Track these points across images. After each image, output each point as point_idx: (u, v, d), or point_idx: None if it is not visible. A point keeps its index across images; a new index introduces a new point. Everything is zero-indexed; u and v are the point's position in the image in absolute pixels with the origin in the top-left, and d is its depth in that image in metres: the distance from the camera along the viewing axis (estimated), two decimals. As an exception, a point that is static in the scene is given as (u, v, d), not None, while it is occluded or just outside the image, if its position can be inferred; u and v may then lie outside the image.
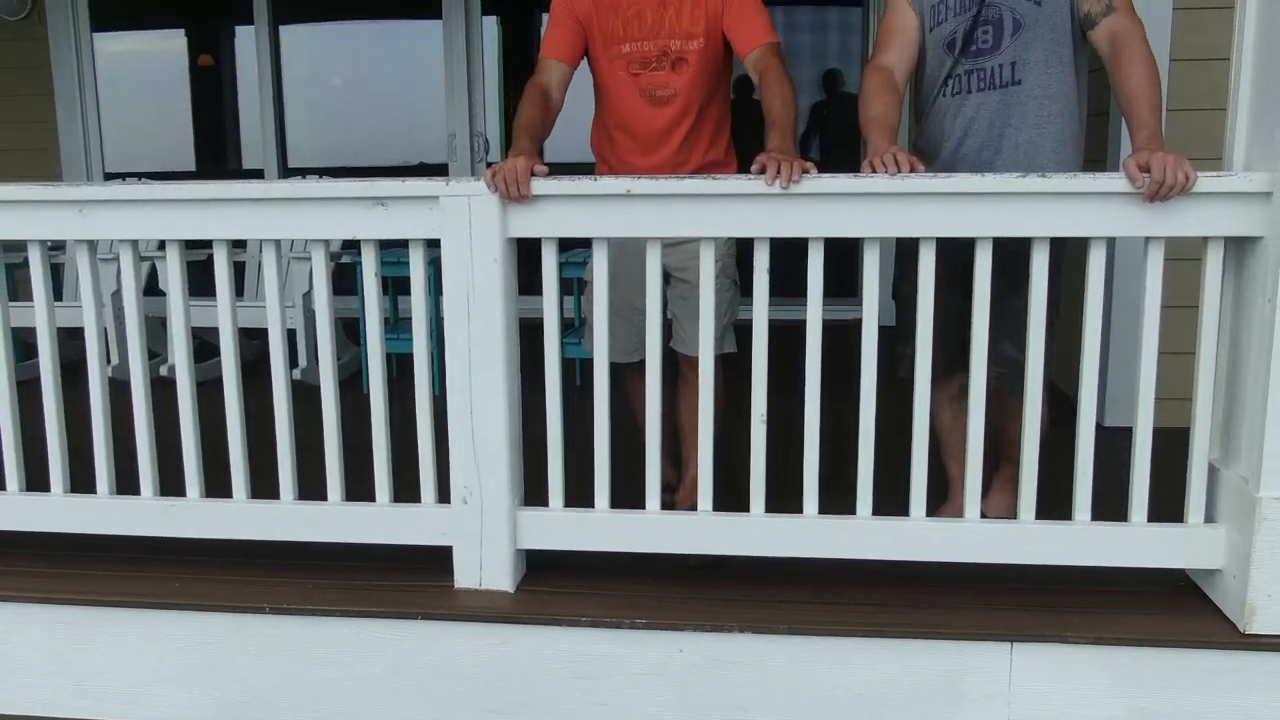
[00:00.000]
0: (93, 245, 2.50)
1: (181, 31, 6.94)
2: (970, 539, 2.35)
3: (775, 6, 2.87)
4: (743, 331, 2.54)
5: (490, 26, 6.43)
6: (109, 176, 6.48)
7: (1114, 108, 3.41)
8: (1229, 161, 2.28)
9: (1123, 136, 3.13)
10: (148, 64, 6.92)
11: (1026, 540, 2.33)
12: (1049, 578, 2.38)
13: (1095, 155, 3.42)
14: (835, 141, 6.73)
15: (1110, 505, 2.33)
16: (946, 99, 2.54)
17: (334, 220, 2.37)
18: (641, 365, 2.50)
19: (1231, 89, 2.28)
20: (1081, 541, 2.31)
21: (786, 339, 2.51)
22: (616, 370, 2.65)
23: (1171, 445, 2.38)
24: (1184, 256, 2.33)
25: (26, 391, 2.63)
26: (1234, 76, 2.26)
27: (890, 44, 2.59)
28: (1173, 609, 2.32)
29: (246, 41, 6.50)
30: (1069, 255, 2.45)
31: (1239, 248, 2.24)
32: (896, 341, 2.56)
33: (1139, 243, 2.24)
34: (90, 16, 6.41)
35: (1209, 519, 2.30)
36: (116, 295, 4.25)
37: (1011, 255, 2.34)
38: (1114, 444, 2.53)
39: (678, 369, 2.82)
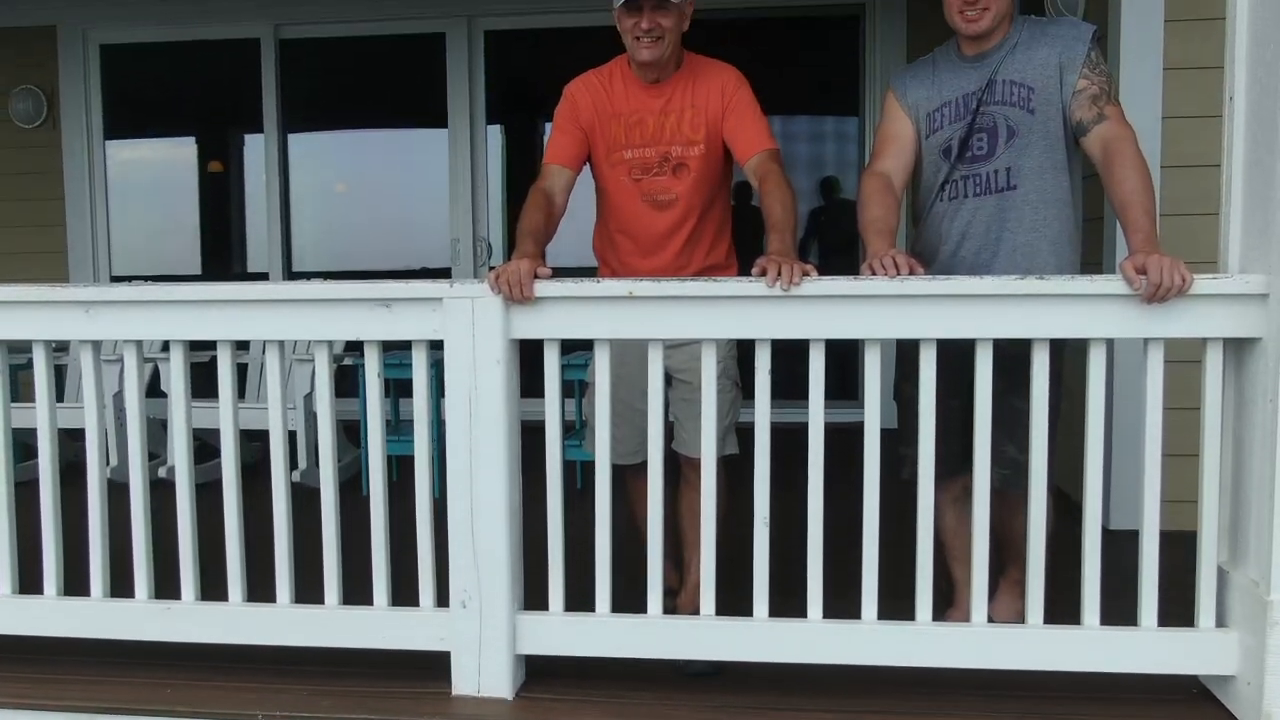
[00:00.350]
0: (97, 346, 2.51)
1: (192, 139, 7.09)
2: (977, 643, 2.31)
3: (772, 115, 2.92)
4: (744, 435, 2.54)
5: (494, 135, 6.57)
6: (115, 279, 6.56)
7: (1108, 213, 3.48)
8: (1224, 264, 2.31)
9: (1118, 241, 3.18)
10: (158, 170, 7.05)
11: (1034, 645, 2.29)
12: (1058, 684, 2.33)
13: (1092, 259, 3.46)
14: (833, 247, 6.82)
15: (1119, 609, 2.30)
16: (944, 203, 2.59)
17: (339, 321, 2.39)
18: (643, 467, 2.49)
19: (1223, 194, 2.32)
20: (1091, 647, 2.27)
21: (788, 441, 2.50)
22: (618, 472, 2.64)
23: (1179, 548, 2.35)
24: (1184, 359, 2.35)
25: (25, 493, 2.62)
26: (1225, 182, 2.31)
27: (886, 151, 2.65)
28: (1186, 717, 2.27)
29: (255, 149, 6.64)
30: (1069, 356, 2.46)
31: (1238, 349, 2.25)
32: (899, 443, 2.56)
33: (1139, 344, 2.25)
34: (104, 124, 6.58)
35: (1220, 623, 2.27)
36: (116, 397, 4.25)
37: (1011, 357, 2.35)
38: (1120, 547, 2.51)
39: (679, 471, 2.81)
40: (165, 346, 2.51)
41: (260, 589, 2.49)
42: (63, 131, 6.49)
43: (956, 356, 2.36)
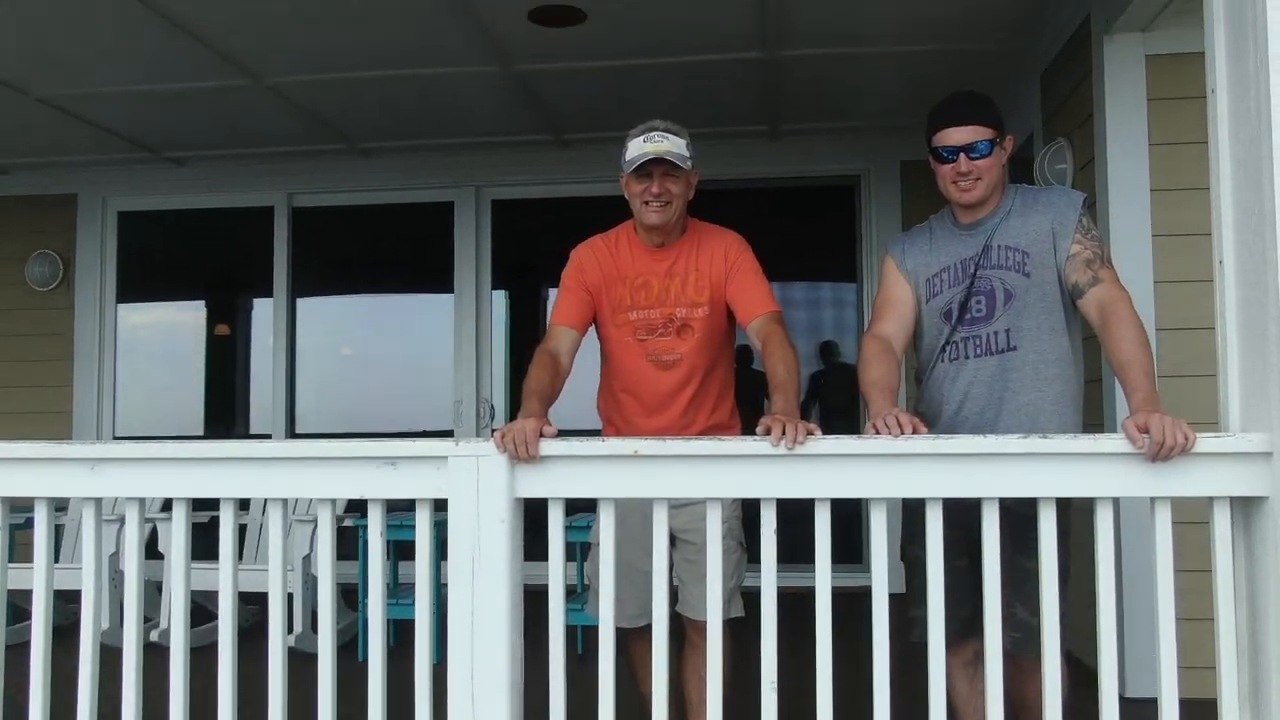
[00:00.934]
0: (99, 504, 2.50)
1: (202, 302, 7.23)
2: (997, 819, 2.21)
3: (773, 281, 2.99)
4: (749, 598, 2.50)
5: (499, 299, 6.71)
6: (118, 439, 6.57)
7: (1107, 375, 3.51)
8: (1225, 423, 2.32)
9: (1118, 403, 3.20)
10: (166, 333, 7.16)
11: (1056, 820, 2.19)
12: None
13: (1092, 420, 3.48)
14: (834, 410, 6.86)
15: (1142, 782, 2.21)
16: (945, 364, 2.62)
17: (344, 479, 2.38)
18: (647, 630, 2.44)
19: (1220, 355, 2.35)
20: (1115, 822, 2.18)
21: (794, 605, 2.46)
22: (620, 636, 2.58)
23: (1200, 716, 2.28)
24: (1193, 520, 2.33)
25: (14, 656, 2.55)
26: (1220, 342, 2.34)
27: (886, 314, 2.70)
28: None
29: (264, 312, 6.77)
30: (1077, 516, 2.45)
31: (1245, 507, 2.24)
32: (907, 605, 2.51)
33: (1146, 504, 2.24)
34: (116, 287, 6.73)
35: (1247, 797, 2.18)
36: (111, 558, 4.20)
37: (1018, 517, 2.34)
38: (1139, 716, 2.43)
39: (683, 635, 2.75)
40: (165, 506, 2.50)
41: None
42: (76, 294, 6.63)
43: (961, 514, 2.35)
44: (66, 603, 3.03)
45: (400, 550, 4.70)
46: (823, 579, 2.27)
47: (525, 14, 4.23)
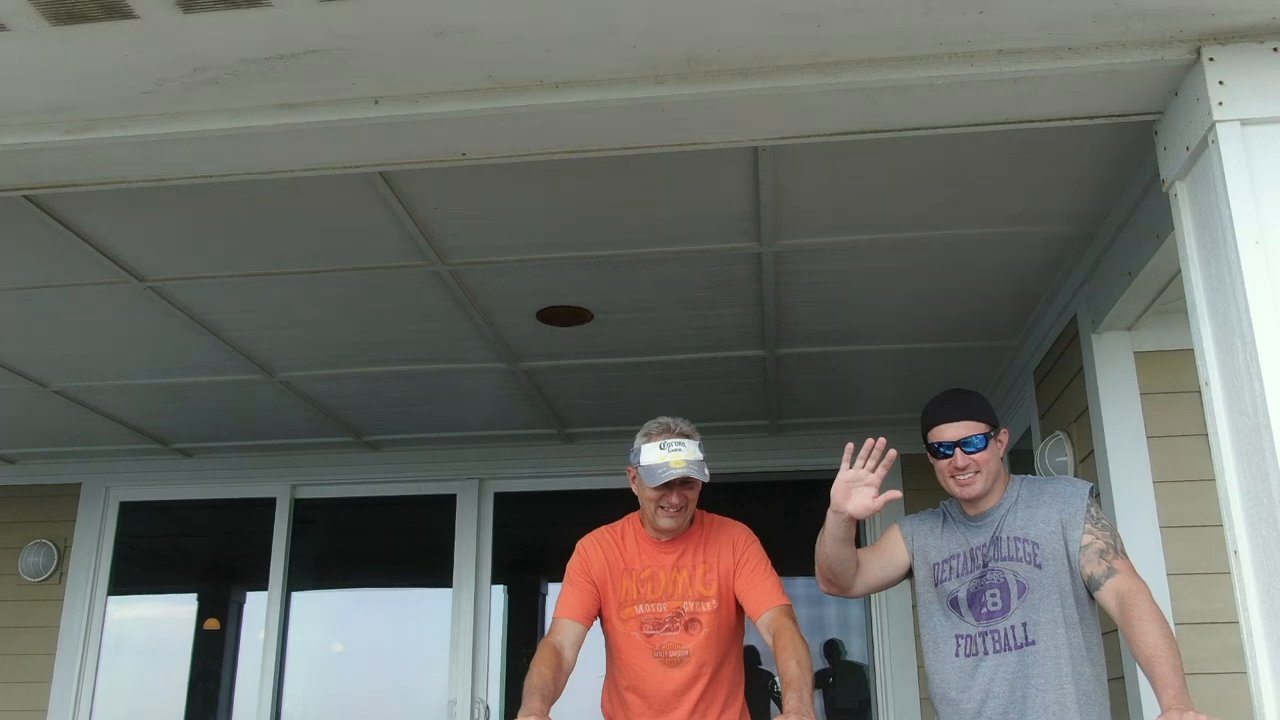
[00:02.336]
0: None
1: (194, 595, 7.08)
2: None
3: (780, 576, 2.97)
4: None
5: (498, 595, 6.57)
6: (91, 742, 6.25)
7: (1128, 670, 3.39)
8: (1262, 722, 2.21)
9: (1142, 700, 3.07)
10: (154, 628, 6.96)
11: None
12: None
13: (1119, 719, 3.32)
14: (844, 712, 6.57)
15: None
16: (960, 659, 2.54)
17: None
18: None
19: (1246, 650, 2.27)
20: None
21: None
22: None
23: None
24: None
25: None
26: (1245, 636, 2.27)
27: (872, 553, 2.71)
28: None
29: (257, 606, 6.61)
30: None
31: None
32: None
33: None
34: (109, 579, 6.60)
35: None
36: None
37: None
38: None
39: None
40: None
41: None
42: (67, 586, 6.50)
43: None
44: None
45: None
46: None
47: (535, 314, 4.41)
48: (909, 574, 2.78)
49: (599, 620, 2.94)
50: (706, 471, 2.85)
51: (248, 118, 2.60)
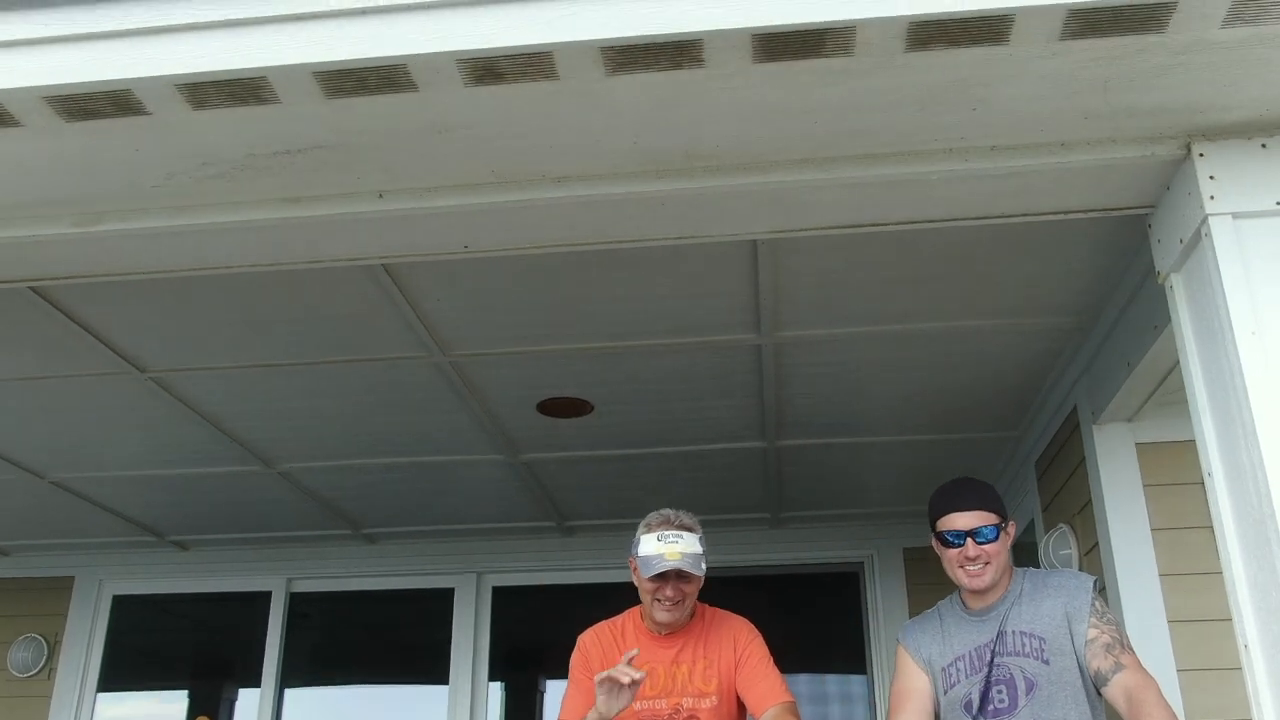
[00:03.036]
0: None
1: (185, 692, 6.93)
2: None
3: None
4: None
5: (495, 691, 6.44)
6: None
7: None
8: (1281, 827, 2.15)
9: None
10: (143, 727, 6.82)
11: None
12: None
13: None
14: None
15: None
16: (972, 757, 2.48)
17: None
18: None
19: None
20: None
21: None
22: None
23: None
24: None
25: None
26: (1261, 736, 2.22)
27: (904, 707, 2.59)
28: None
29: (248, 703, 6.47)
30: None
31: None
32: None
33: None
34: (100, 675, 6.47)
35: None
36: None
37: None
38: None
39: None
40: None
41: None
42: (57, 682, 6.37)
43: None
44: None
45: None
46: None
47: (535, 405, 4.42)
48: None
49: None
50: (703, 566, 2.82)
51: (254, 211, 2.63)
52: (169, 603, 6.77)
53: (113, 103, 2.24)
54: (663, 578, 2.80)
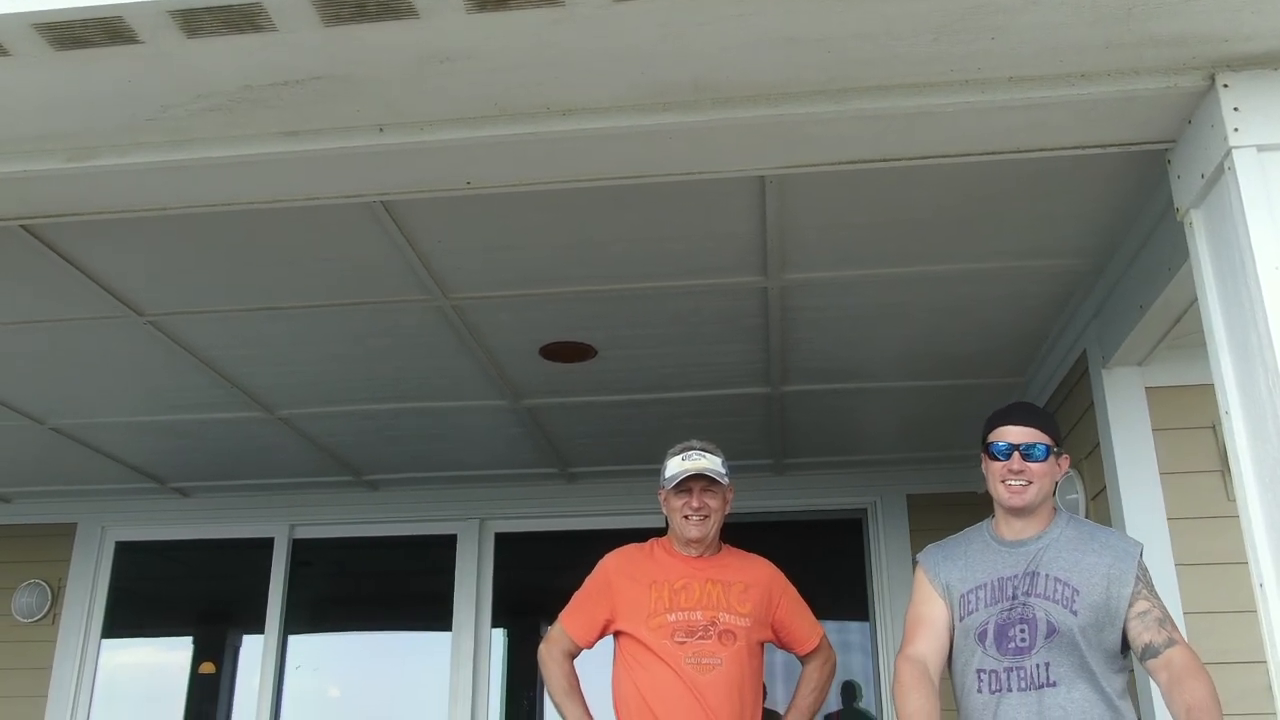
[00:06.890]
0: None
1: (189, 638, 6.96)
2: None
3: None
4: None
5: (498, 637, 6.47)
6: (81, 789, 6.11)
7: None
8: (1294, 766, 2.14)
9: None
10: (148, 673, 6.85)
11: None
12: None
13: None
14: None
15: None
16: (984, 695, 2.46)
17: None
18: None
19: (1275, 689, 2.20)
20: None
21: None
22: None
23: None
24: None
25: None
26: (1275, 672, 2.20)
27: (919, 634, 2.57)
28: None
29: (253, 649, 6.50)
30: None
31: None
32: None
33: None
34: (104, 622, 6.49)
35: None
36: None
37: None
38: None
39: None
40: None
41: None
42: (60, 628, 6.39)
43: None
44: None
45: None
46: None
47: (537, 349, 4.37)
48: None
49: (616, 643, 3.01)
50: (727, 480, 2.99)
51: (251, 145, 2.57)
52: (171, 549, 6.78)
53: (104, 30, 2.17)
54: (687, 490, 2.92)
